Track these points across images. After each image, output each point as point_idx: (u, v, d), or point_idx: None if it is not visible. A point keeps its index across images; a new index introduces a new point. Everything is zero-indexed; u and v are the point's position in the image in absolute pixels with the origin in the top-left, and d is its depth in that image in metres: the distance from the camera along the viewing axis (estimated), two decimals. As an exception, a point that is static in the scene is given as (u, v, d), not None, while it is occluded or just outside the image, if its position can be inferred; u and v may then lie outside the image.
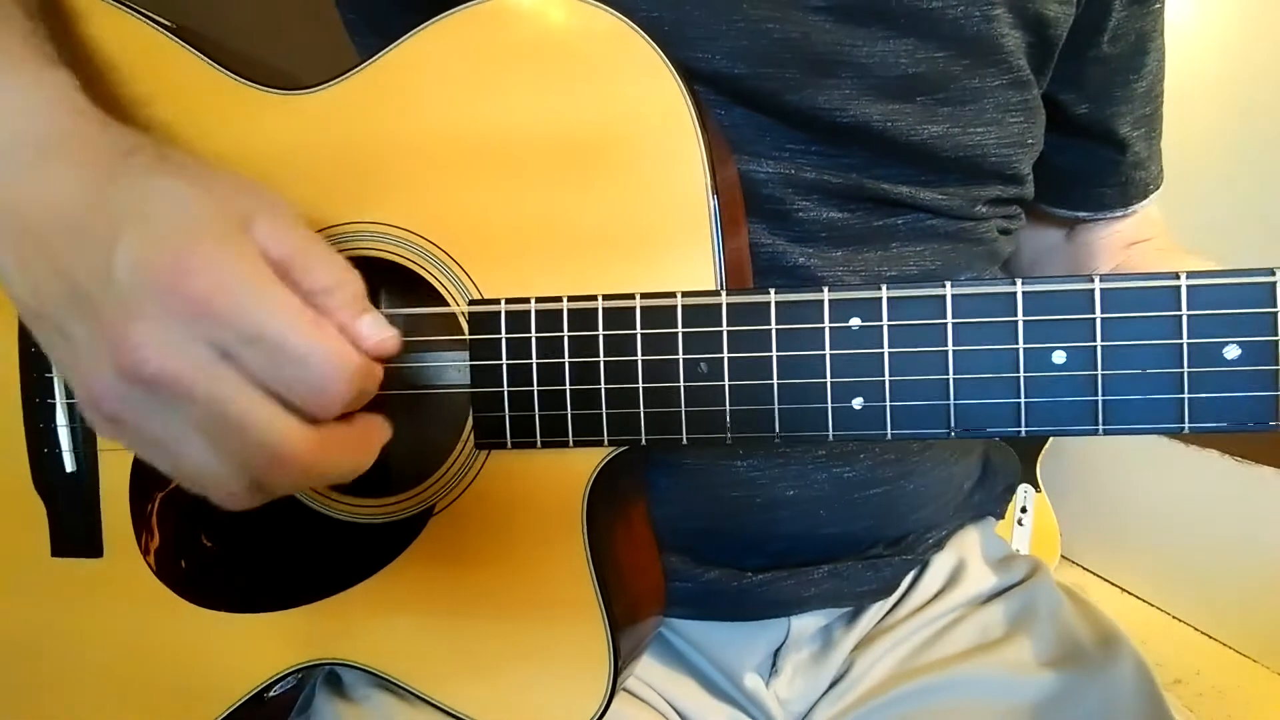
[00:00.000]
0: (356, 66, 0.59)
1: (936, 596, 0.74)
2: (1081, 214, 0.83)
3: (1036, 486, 1.93)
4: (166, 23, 0.62)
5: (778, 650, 0.71)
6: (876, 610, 0.74)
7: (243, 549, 0.63)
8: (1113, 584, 1.88)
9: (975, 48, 0.63)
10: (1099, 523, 1.93)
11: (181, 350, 0.42)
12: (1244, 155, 1.53)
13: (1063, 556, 1.96)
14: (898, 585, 0.74)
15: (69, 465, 0.65)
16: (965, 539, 0.78)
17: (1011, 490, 0.85)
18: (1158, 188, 0.82)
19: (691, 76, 0.56)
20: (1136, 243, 0.83)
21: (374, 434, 0.49)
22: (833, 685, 0.72)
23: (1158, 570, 1.79)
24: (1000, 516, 0.84)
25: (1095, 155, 0.79)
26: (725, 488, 0.65)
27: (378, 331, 0.47)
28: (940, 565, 0.76)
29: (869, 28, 0.61)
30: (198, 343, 0.42)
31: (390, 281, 0.66)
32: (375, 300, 0.65)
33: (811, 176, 0.63)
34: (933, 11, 0.62)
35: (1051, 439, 1.92)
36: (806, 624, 0.71)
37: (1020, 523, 1.91)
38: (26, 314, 0.47)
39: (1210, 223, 1.34)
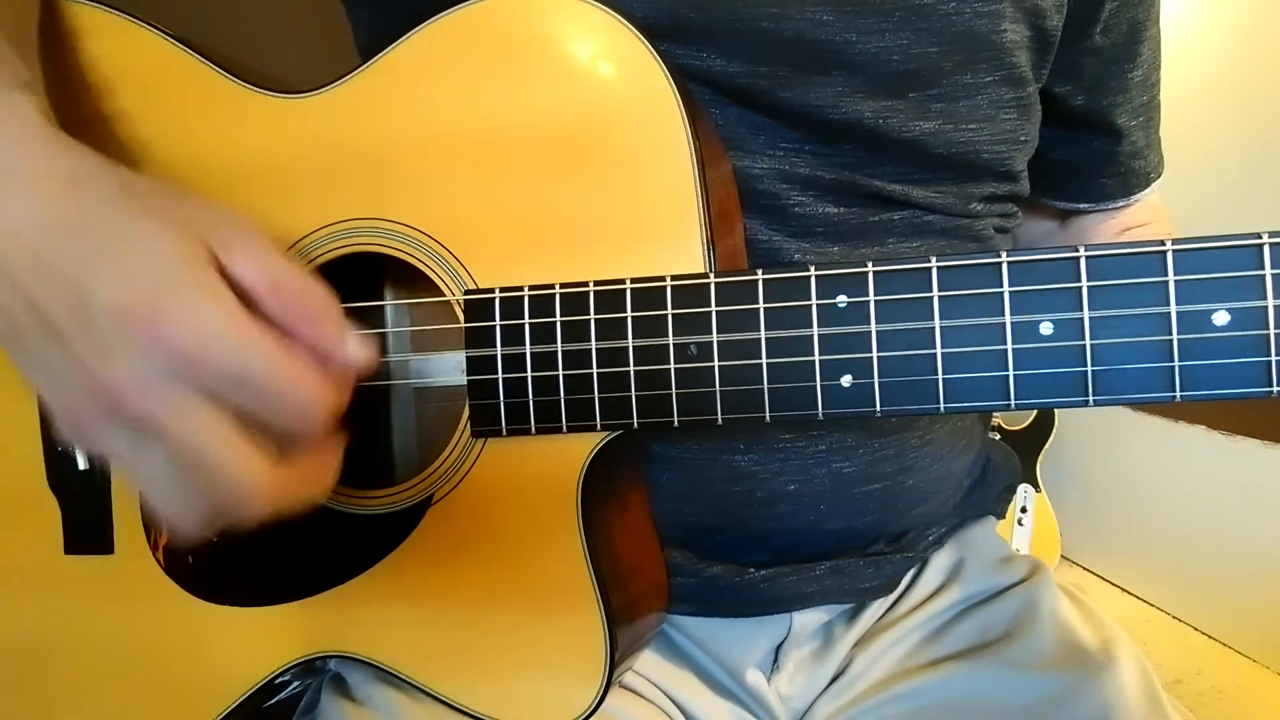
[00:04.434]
0: (355, 70, 0.60)
1: (936, 594, 0.74)
2: (1082, 205, 0.83)
3: (1036, 486, 1.92)
4: (170, 32, 0.64)
5: (779, 646, 0.70)
6: (877, 607, 0.73)
7: (247, 543, 0.63)
8: (1113, 584, 1.87)
9: (969, 43, 0.63)
10: (1099, 523, 1.92)
11: (160, 392, 0.42)
12: (1242, 150, 1.53)
13: (1063, 556, 1.94)
14: (899, 582, 0.73)
15: (81, 463, 0.66)
16: (965, 538, 0.78)
17: (1011, 490, 0.84)
18: (1158, 176, 0.82)
19: (686, 76, 0.57)
20: (1131, 229, 0.83)
21: (333, 458, 0.50)
22: (833, 682, 0.71)
23: (1158, 570, 1.78)
24: (1001, 516, 0.84)
25: (1094, 147, 0.79)
26: (726, 482, 0.65)
27: (361, 350, 0.48)
28: (940, 563, 0.76)
29: (866, 19, 0.61)
30: (177, 384, 0.43)
31: (389, 275, 0.67)
32: (376, 294, 0.67)
33: (806, 173, 0.63)
34: (929, 5, 0.62)
35: (1052, 438, 1.92)
36: (808, 620, 0.70)
37: (1020, 523, 1.90)
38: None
39: (1207, 219, 1.34)
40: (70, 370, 0.44)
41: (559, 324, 0.53)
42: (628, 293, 0.52)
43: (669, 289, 0.51)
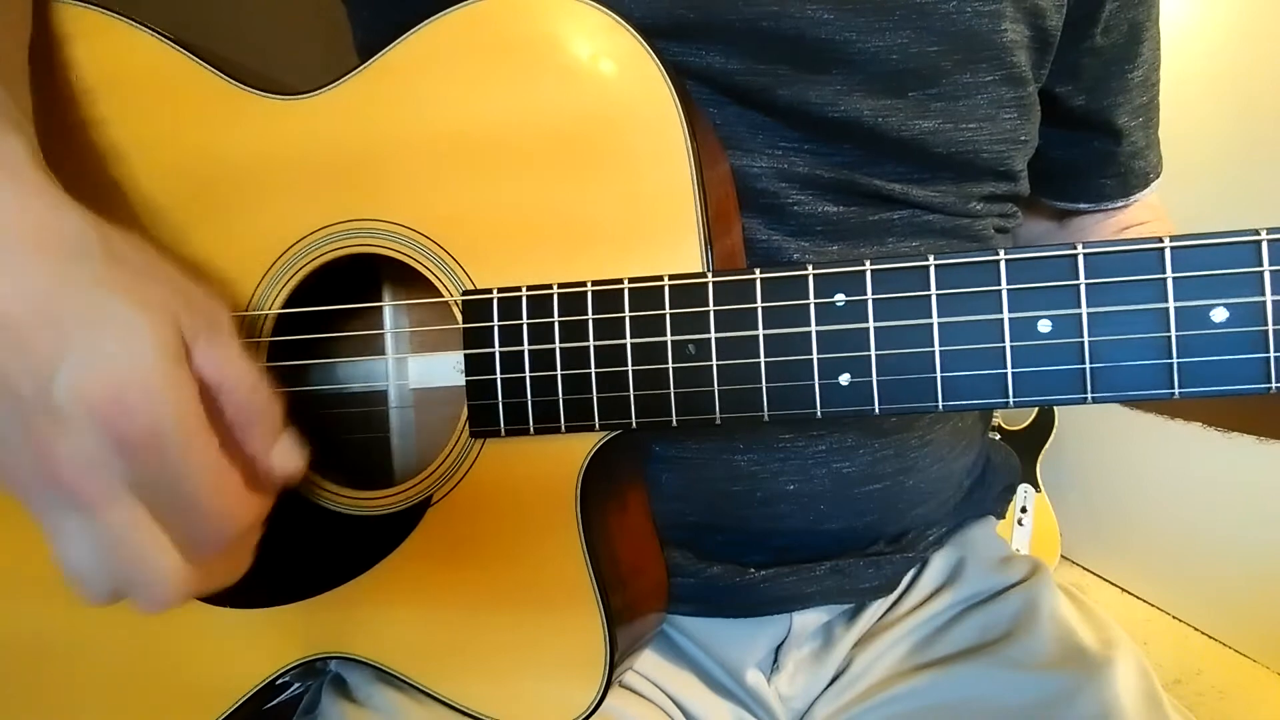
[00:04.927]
0: (353, 70, 0.60)
1: (936, 594, 0.74)
2: (1082, 205, 0.83)
3: (1036, 486, 1.92)
4: (167, 34, 0.64)
5: (779, 646, 0.70)
6: (877, 608, 0.73)
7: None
8: (1113, 584, 1.87)
9: (969, 42, 0.63)
10: (1099, 523, 1.92)
11: (99, 476, 0.43)
12: (1241, 150, 1.53)
13: (1063, 556, 1.94)
14: (899, 582, 0.73)
15: None
16: (965, 538, 0.78)
17: (1011, 490, 0.84)
18: (1158, 176, 0.82)
19: (684, 74, 0.57)
20: (1130, 227, 0.83)
21: (245, 555, 0.51)
22: (833, 682, 0.71)
23: (1158, 570, 1.78)
24: (1001, 516, 0.84)
25: (1093, 147, 0.79)
26: (726, 481, 0.65)
27: (288, 461, 0.50)
28: (940, 563, 0.76)
29: (866, 17, 0.61)
30: (115, 473, 0.43)
31: (388, 276, 0.67)
32: (375, 294, 0.67)
33: (805, 172, 0.63)
34: (929, 4, 0.62)
35: (1052, 438, 1.92)
36: (808, 620, 0.70)
37: (1020, 523, 1.90)
38: None
39: (1206, 218, 1.34)
40: (18, 430, 0.44)
41: (557, 324, 0.53)
42: (625, 292, 0.52)
43: (667, 288, 0.51)
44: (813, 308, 0.48)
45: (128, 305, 0.45)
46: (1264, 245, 0.41)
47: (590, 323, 0.53)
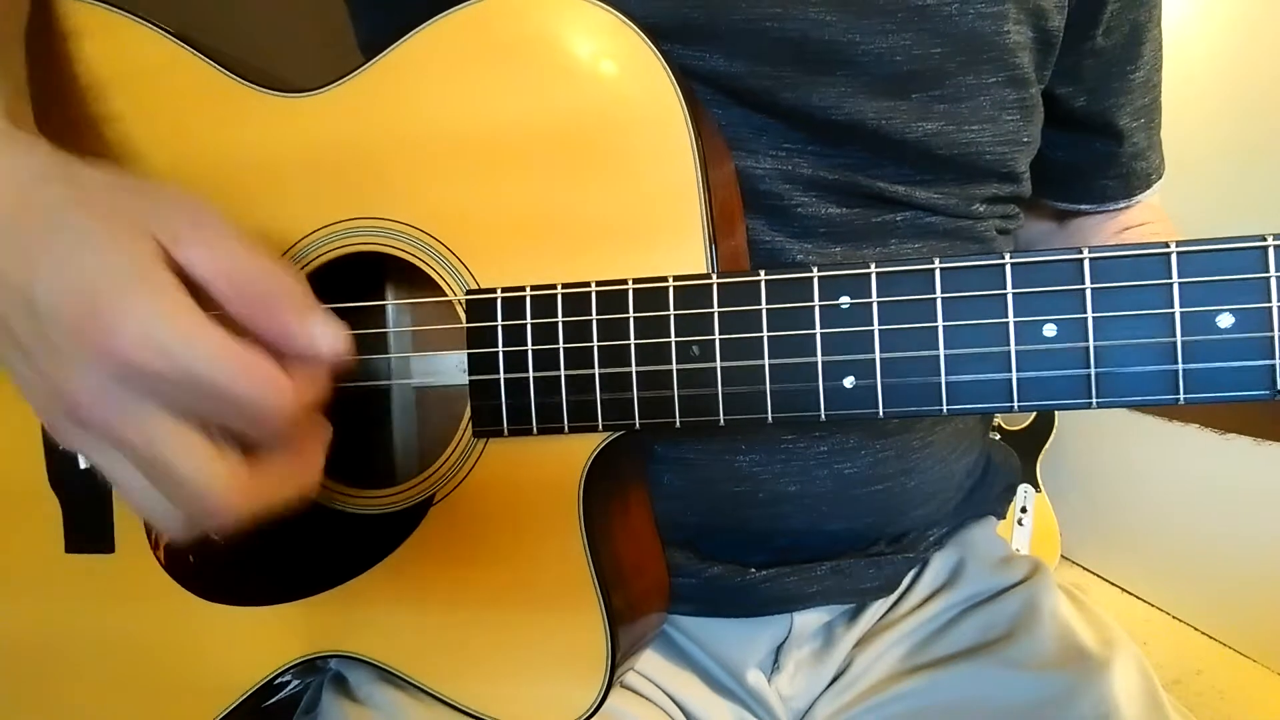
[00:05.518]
0: (356, 69, 0.60)
1: (937, 594, 0.74)
2: (1084, 206, 0.83)
3: (1036, 486, 1.92)
4: (172, 30, 0.64)
5: (780, 646, 0.71)
6: (878, 608, 0.73)
7: (248, 542, 0.62)
8: (1113, 584, 1.87)
9: (972, 44, 0.63)
10: (1099, 523, 1.92)
11: (115, 401, 0.42)
12: (1242, 150, 1.53)
13: (1063, 556, 1.95)
14: (899, 583, 0.73)
15: (82, 462, 0.66)
16: (966, 538, 0.78)
17: (1012, 490, 0.85)
18: (1160, 177, 0.82)
19: (689, 76, 0.57)
20: (1130, 228, 0.83)
21: (314, 455, 0.47)
22: (833, 682, 0.71)
23: (1158, 570, 1.78)
24: (1001, 516, 0.84)
25: (1095, 148, 0.79)
26: (728, 482, 0.65)
27: (327, 334, 0.45)
28: (941, 564, 0.76)
29: (869, 20, 0.61)
30: (131, 393, 0.41)
31: (391, 275, 0.67)
32: (378, 293, 0.67)
33: (808, 173, 0.63)
34: (932, 6, 0.62)
35: (1052, 439, 1.93)
36: (809, 620, 0.70)
37: (1020, 523, 1.90)
38: None
39: (1207, 218, 1.34)
40: (35, 378, 0.43)
41: (561, 324, 0.53)
42: (630, 293, 0.52)
43: (671, 289, 0.51)
44: (817, 310, 0.48)
45: (87, 219, 0.43)
46: (1270, 251, 0.41)
47: (594, 323, 0.53)
